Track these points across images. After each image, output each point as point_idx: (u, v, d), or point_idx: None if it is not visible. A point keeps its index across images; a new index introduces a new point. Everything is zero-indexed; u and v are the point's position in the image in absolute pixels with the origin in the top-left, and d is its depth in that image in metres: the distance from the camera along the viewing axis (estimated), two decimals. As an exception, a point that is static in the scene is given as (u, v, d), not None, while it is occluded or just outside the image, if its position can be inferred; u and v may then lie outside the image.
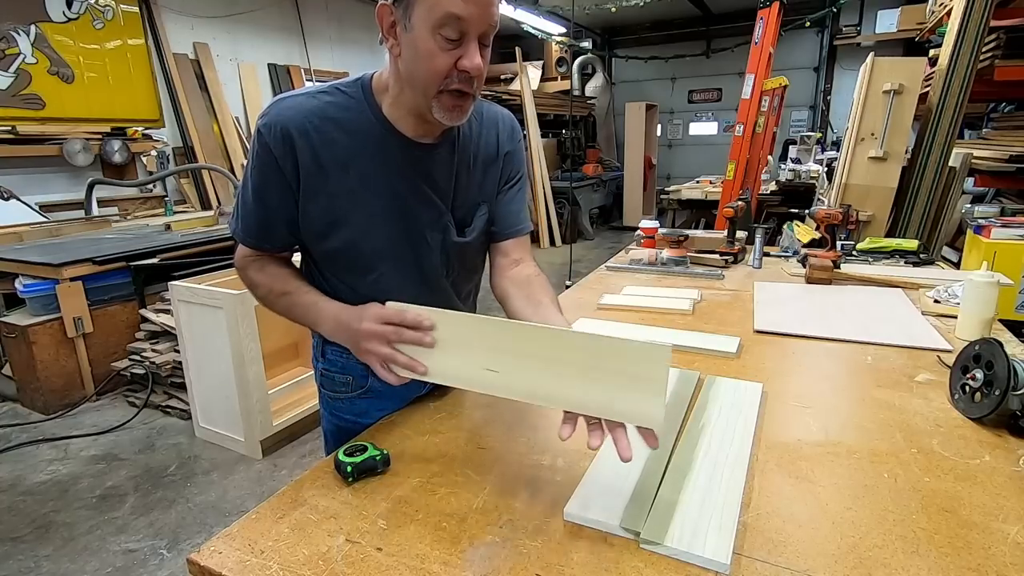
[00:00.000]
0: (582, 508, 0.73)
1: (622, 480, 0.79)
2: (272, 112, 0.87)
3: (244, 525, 0.74)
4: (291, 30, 6.31)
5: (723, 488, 0.77)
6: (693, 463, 0.83)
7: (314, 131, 0.87)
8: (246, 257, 0.98)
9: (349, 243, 0.92)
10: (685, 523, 0.70)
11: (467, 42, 0.78)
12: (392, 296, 0.96)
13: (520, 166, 1.08)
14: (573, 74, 9.08)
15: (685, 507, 0.73)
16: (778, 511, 0.74)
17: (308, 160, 0.87)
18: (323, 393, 1.12)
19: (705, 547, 0.66)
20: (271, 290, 0.96)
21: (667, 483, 0.78)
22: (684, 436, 0.91)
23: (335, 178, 0.89)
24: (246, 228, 0.94)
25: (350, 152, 0.89)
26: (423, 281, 0.99)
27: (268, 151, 0.86)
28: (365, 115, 0.89)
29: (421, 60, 0.79)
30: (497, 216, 1.05)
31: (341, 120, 0.88)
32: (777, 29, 3.63)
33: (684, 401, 1.02)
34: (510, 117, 1.07)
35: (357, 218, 0.91)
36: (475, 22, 0.77)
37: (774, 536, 0.69)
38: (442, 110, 0.83)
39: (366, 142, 0.89)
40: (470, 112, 0.87)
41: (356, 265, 0.95)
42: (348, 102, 0.90)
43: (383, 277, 0.96)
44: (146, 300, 3.35)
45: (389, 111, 0.90)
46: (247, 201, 0.92)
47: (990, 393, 0.93)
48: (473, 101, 0.86)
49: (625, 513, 0.72)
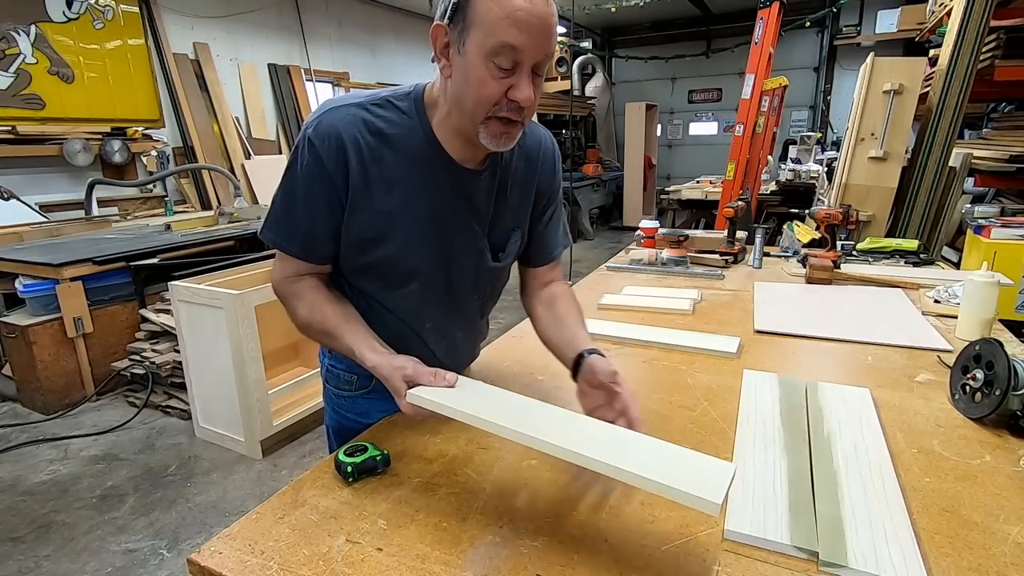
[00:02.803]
0: (740, 524, 0.69)
1: (772, 493, 0.75)
2: (324, 121, 0.84)
3: (244, 525, 0.73)
4: (291, 30, 6.30)
5: (884, 502, 0.73)
6: (837, 475, 0.79)
7: (365, 146, 0.84)
8: (286, 279, 0.93)
9: (384, 260, 0.91)
10: (860, 541, 0.66)
11: (520, 72, 0.77)
12: (418, 312, 0.97)
13: (557, 192, 1.06)
14: (573, 74, 9.08)
15: (851, 523, 0.69)
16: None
17: (357, 175, 0.85)
18: (328, 389, 1.11)
19: (894, 569, 0.61)
20: (310, 324, 0.92)
21: (820, 497, 0.74)
22: (814, 446, 0.87)
23: (379, 196, 0.86)
24: (290, 237, 0.89)
25: (397, 172, 0.86)
26: (451, 301, 0.99)
27: (320, 162, 0.84)
28: (416, 134, 0.87)
29: (472, 86, 0.77)
30: (532, 244, 1.05)
31: (392, 137, 0.86)
32: (777, 29, 3.63)
33: (800, 408, 0.99)
34: (551, 139, 1.05)
35: (396, 237, 0.89)
36: (530, 53, 0.75)
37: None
38: (489, 136, 0.81)
39: (414, 163, 0.87)
40: (517, 139, 0.84)
41: (387, 280, 0.93)
42: (400, 118, 0.87)
43: (412, 294, 0.94)
44: (146, 300, 3.35)
45: (438, 130, 0.88)
46: (293, 211, 0.88)
47: (990, 393, 0.93)
48: (522, 128, 0.84)
49: (792, 530, 0.68)
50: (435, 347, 1.01)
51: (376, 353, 0.85)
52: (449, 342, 1.03)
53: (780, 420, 0.95)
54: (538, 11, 0.74)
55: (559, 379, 1.15)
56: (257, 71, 5.99)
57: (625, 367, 1.23)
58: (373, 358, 0.84)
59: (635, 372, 1.21)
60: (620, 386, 0.81)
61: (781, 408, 0.99)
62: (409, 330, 0.98)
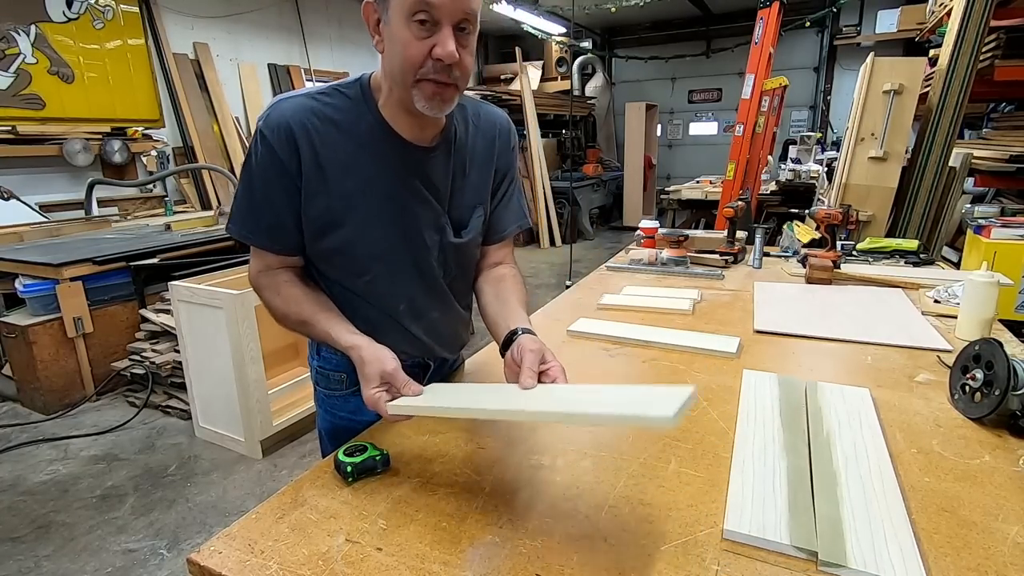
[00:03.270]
0: (739, 524, 0.69)
1: (771, 492, 0.75)
2: (274, 113, 0.87)
3: (244, 525, 0.74)
4: (291, 30, 6.31)
5: (884, 502, 0.73)
6: (837, 475, 0.79)
7: (315, 131, 0.87)
8: (260, 273, 0.96)
9: (346, 243, 0.92)
10: (859, 541, 0.66)
11: (441, 30, 0.78)
12: (390, 295, 0.97)
13: (511, 170, 1.08)
14: (573, 74, 9.07)
15: (851, 523, 0.69)
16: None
17: (310, 160, 0.87)
18: (318, 391, 1.12)
19: (894, 569, 0.62)
20: (287, 315, 0.94)
21: (820, 497, 0.74)
22: (814, 446, 0.87)
23: (334, 180, 0.89)
24: (255, 229, 0.92)
25: (349, 154, 0.89)
26: (420, 281, 1.00)
27: (272, 152, 0.86)
28: (364, 117, 0.89)
29: (397, 50, 0.80)
30: (487, 222, 1.06)
31: (340, 122, 0.88)
32: (777, 29, 3.63)
33: (800, 408, 0.99)
34: (507, 120, 1.07)
35: (355, 219, 0.91)
36: (447, 9, 0.77)
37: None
38: (423, 99, 0.83)
39: (365, 144, 0.89)
40: (454, 103, 0.86)
41: (354, 265, 0.95)
42: (347, 104, 0.90)
43: (380, 276, 0.96)
44: (146, 300, 3.35)
45: (385, 111, 0.90)
46: (254, 203, 0.91)
47: (990, 393, 0.93)
48: (457, 92, 0.85)
49: (791, 530, 0.68)
50: (413, 328, 1.01)
51: (353, 334, 0.88)
52: (427, 322, 1.03)
53: (780, 420, 0.95)
54: None
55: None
56: (257, 71, 5.99)
57: (625, 367, 1.23)
58: (350, 338, 0.87)
59: (635, 372, 1.21)
60: (548, 363, 0.82)
61: (781, 408, 0.99)
62: (385, 315, 0.99)
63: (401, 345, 0.94)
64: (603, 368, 1.22)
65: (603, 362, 1.26)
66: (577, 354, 1.30)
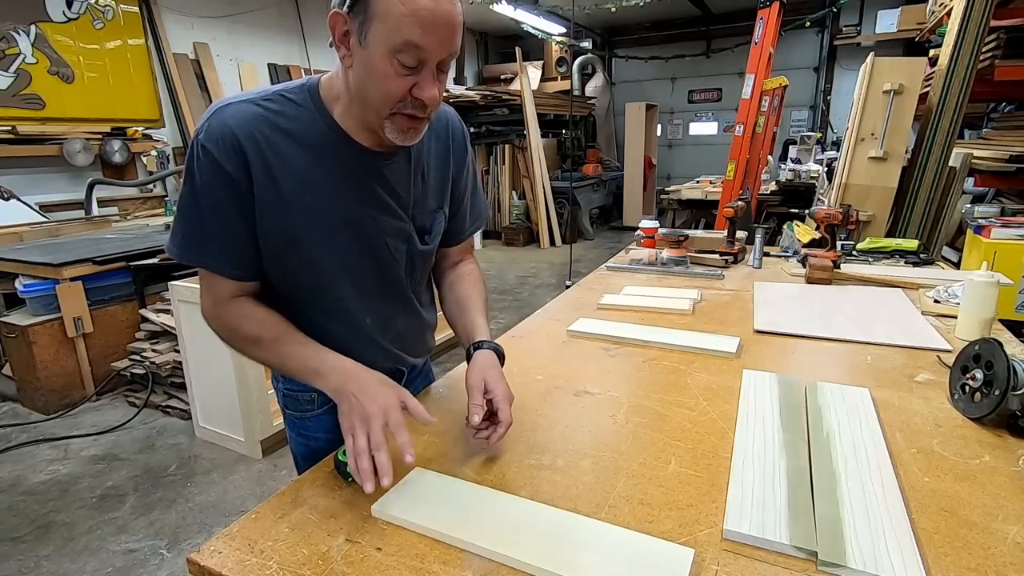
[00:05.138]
0: (738, 524, 0.69)
1: (771, 492, 0.75)
2: (215, 123, 0.79)
3: (244, 525, 0.74)
4: (291, 30, 6.31)
5: (883, 502, 0.73)
6: (836, 475, 0.79)
7: (265, 142, 0.80)
8: (217, 305, 0.87)
9: (308, 261, 0.87)
10: (859, 541, 0.66)
11: (424, 70, 0.75)
12: (357, 310, 0.94)
13: (467, 167, 1.05)
14: (573, 74, 9.08)
15: (850, 523, 0.69)
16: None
17: (261, 174, 0.80)
18: (288, 414, 1.06)
19: (893, 569, 0.61)
20: (260, 337, 0.86)
21: (820, 497, 0.74)
22: (814, 446, 0.87)
23: (291, 193, 0.82)
24: (209, 253, 0.83)
25: (304, 164, 0.82)
26: (386, 294, 0.97)
27: (217, 166, 0.78)
28: (317, 125, 0.83)
29: (375, 82, 0.75)
30: (447, 224, 1.04)
31: (292, 131, 0.82)
32: (777, 29, 3.63)
33: (800, 408, 0.98)
34: (456, 115, 1.04)
35: (315, 235, 0.85)
36: (435, 52, 0.74)
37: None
38: (395, 131, 0.79)
39: (321, 153, 0.83)
40: (423, 133, 0.84)
41: (316, 284, 0.90)
42: (297, 111, 0.83)
43: (345, 294, 0.92)
44: (146, 300, 3.35)
45: (342, 120, 0.84)
46: (204, 225, 0.82)
47: (990, 393, 0.93)
48: (427, 123, 0.83)
49: (791, 530, 0.68)
50: (381, 340, 0.99)
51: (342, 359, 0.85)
52: (393, 333, 1.01)
53: (779, 420, 0.95)
54: (443, 10, 0.72)
55: (558, 379, 1.15)
56: (257, 71, 5.99)
57: (625, 367, 1.23)
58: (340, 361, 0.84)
59: (635, 372, 1.21)
60: (491, 392, 0.86)
61: (780, 408, 0.99)
62: (351, 331, 0.95)
63: (371, 357, 0.91)
64: (603, 368, 1.22)
65: (603, 362, 1.25)
66: (577, 354, 1.30)
